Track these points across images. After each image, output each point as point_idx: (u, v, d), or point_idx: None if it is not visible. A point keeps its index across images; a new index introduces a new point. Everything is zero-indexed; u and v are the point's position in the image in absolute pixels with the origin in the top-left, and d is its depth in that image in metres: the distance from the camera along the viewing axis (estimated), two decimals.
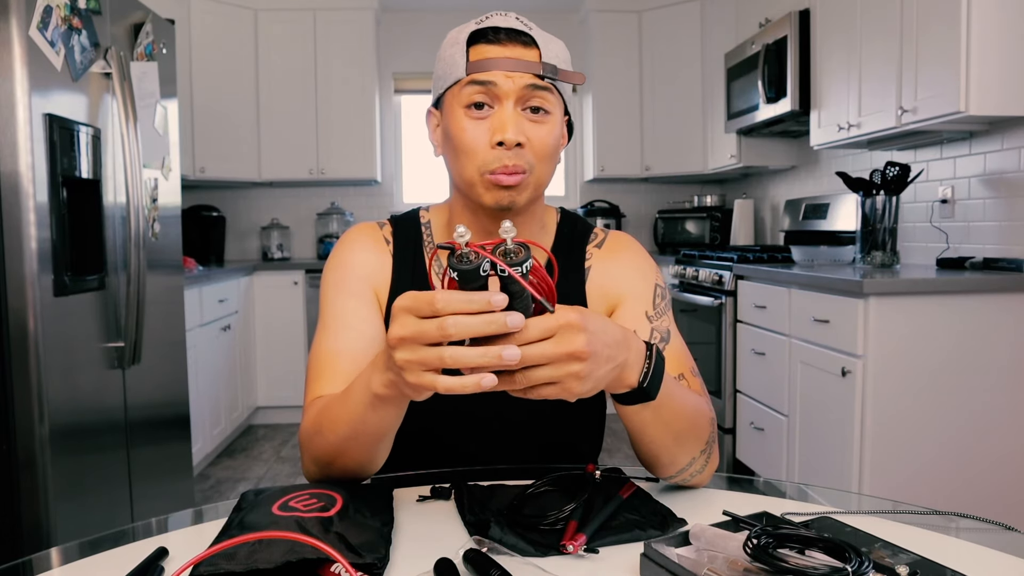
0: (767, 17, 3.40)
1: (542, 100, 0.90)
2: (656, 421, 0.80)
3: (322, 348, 0.96)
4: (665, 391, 0.78)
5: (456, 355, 0.62)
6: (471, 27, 0.92)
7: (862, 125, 2.70)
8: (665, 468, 0.86)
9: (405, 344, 0.63)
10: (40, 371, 1.83)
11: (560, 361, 0.65)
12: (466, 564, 0.67)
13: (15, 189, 1.79)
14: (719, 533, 0.66)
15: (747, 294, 3.00)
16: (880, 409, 2.19)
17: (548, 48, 0.91)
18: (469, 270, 0.63)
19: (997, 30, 2.16)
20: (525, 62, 0.89)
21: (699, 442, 0.86)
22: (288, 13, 4.39)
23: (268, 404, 4.29)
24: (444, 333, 0.61)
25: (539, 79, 0.89)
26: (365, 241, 1.04)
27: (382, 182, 4.88)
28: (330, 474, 0.86)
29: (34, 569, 0.72)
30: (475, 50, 0.90)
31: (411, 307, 0.63)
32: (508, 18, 0.92)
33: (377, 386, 0.72)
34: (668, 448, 0.83)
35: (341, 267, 1.02)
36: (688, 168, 4.45)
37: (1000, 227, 2.48)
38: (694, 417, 0.85)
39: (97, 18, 2.08)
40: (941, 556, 0.67)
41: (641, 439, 0.83)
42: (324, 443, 0.83)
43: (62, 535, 1.89)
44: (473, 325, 0.61)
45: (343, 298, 0.99)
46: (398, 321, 0.64)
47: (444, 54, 0.94)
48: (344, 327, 0.96)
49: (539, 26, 0.98)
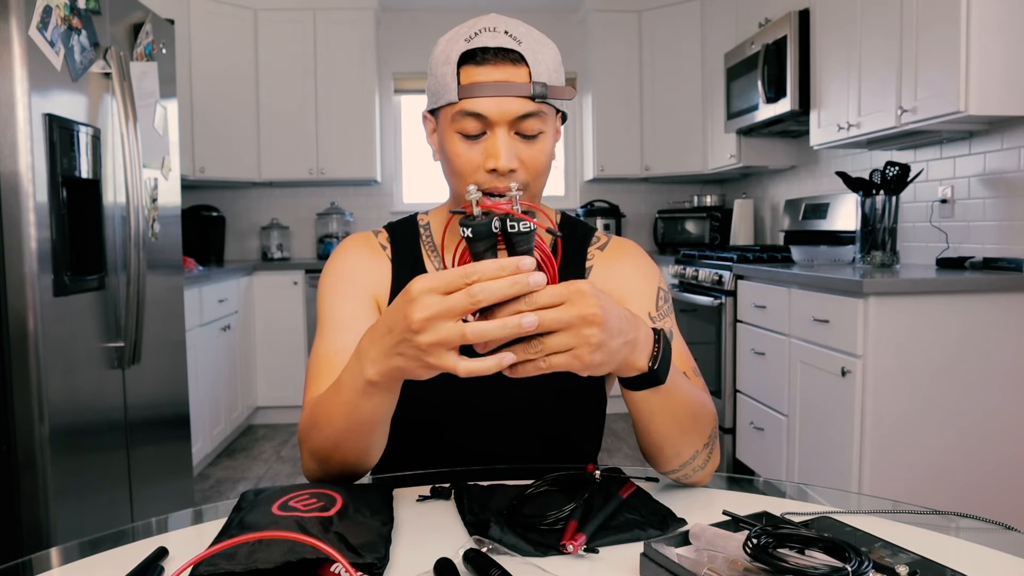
0: (767, 17, 3.40)
1: (533, 124, 0.91)
2: (663, 410, 0.81)
3: (320, 351, 0.97)
4: (672, 380, 0.79)
5: (477, 329, 0.62)
6: (461, 45, 0.91)
7: (862, 125, 2.70)
8: (669, 461, 0.87)
9: (431, 324, 0.63)
10: (40, 371, 1.83)
11: (575, 326, 0.66)
12: (466, 564, 0.66)
13: (15, 189, 1.79)
14: (719, 533, 0.66)
15: (747, 294, 3.00)
16: (880, 409, 2.19)
17: (537, 62, 0.91)
18: (481, 226, 0.67)
19: (997, 30, 2.16)
20: (515, 85, 0.89)
21: (702, 435, 0.87)
22: (288, 13, 4.39)
23: (268, 404, 4.29)
24: (474, 300, 0.62)
25: (530, 100, 0.90)
26: (361, 249, 1.06)
27: (382, 182, 4.88)
28: (329, 470, 0.86)
29: (34, 569, 0.72)
30: (465, 72, 0.90)
31: (434, 286, 0.63)
32: (497, 35, 0.91)
33: (373, 374, 0.71)
34: (673, 440, 0.84)
35: (336, 273, 1.04)
36: (688, 168, 4.45)
37: (1000, 227, 2.48)
38: (698, 409, 0.86)
39: (97, 18, 2.08)
40: (941, 556, 0.67)
41: (648, 429, 0.84)
42: (321, 437, 0.83)
43: (62, 535, 1.89)
44: (499, 288, 0.62)
45: (340, 302, 1.00)
46: (419, 303, 0.63)
47: (436, 71, 0.93)
48: (343, 329, 0.97)
49: (538, 27, 0.98)
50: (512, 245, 0.68)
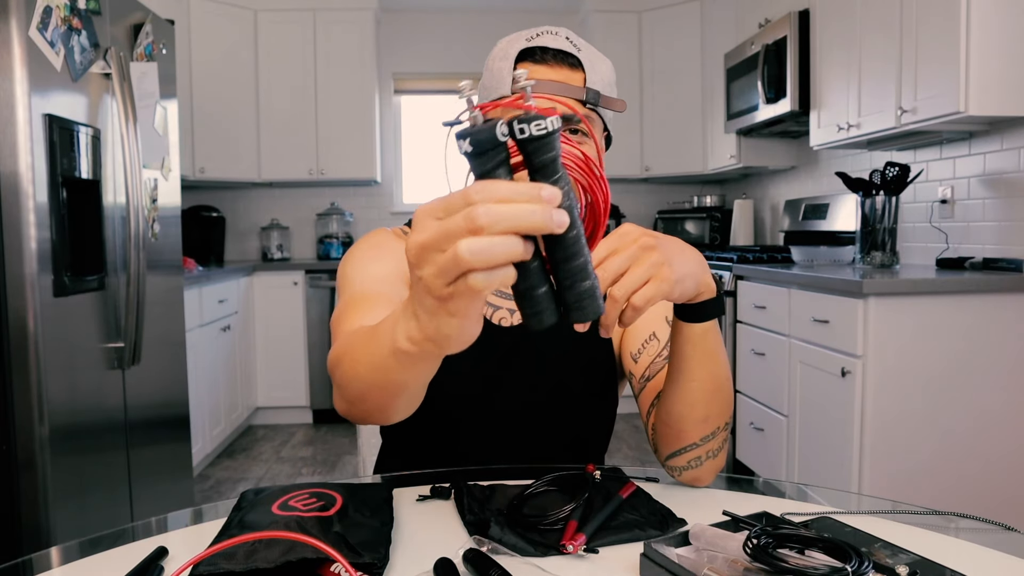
0: (767, 17, 3.40)
1: (582, 125, 0.92)
2: (711, 358, 0.85)
3: (348, 293, 0.95)
4: (718, 330, 0.85)
5: (474, 246, 0.47)
6: (521, 43, 0.93)
7: (862, 125, 2.70)
8: (694, 428, 0.88)
9: (427, 252, 0.49)
10: (40, 371, 1.83)
11: (640, 259, 0.68)
12: (466, 564, 0.66)
13: (15, 189, 1.79)
14: (719, 533, 0.66)
15: (747, 294, 3.00)
16: (880, 409, 2.19)
17: (594, 71, 0.92)
18: (483, 134, 0.48)
19: (997, 30, 2.16)
20: (569, 86, 0.90)
21: (726, 410, 0.89)
22: (288, 13, 4.39)
23: (268, 405, 4.29)
24: (472, 224, 0.46)
25: (581, 103, 0.91)
26: (387, 233, 1.07)
27: (382, 182, 4.87)
28: (352, 413, 0.77)
29: (34, 569, 0.72)
30: (522, 68, 0.91)
31: (434, 209, 0.50)
32: (558, 38, 0.93)
33: (401, 340, 0.57)
34: (706, 400, 0.87)
35: (361, 248, 1.03)
36: (688, 168, 4.45)
37: (1000, 227, 2.48)
38: (729, 379, 0.89)
39: (97, 18, 2.08)
40: (941, 556, 0.67)
41: (688, 381, 0.86)
42: (345, 380, 0.74)
43: (62, 535, 1.89)
44: (509, 213, 0.46)
45: (364, 264, 0.99)
46: (417, 227, 0.50)
47: (493, 66, 0.95)
48: (373, 280, 0.96)
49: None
50: (529, 158, 0.50)
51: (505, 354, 1.02)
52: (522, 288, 0.52)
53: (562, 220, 0.47)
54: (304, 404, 4.30)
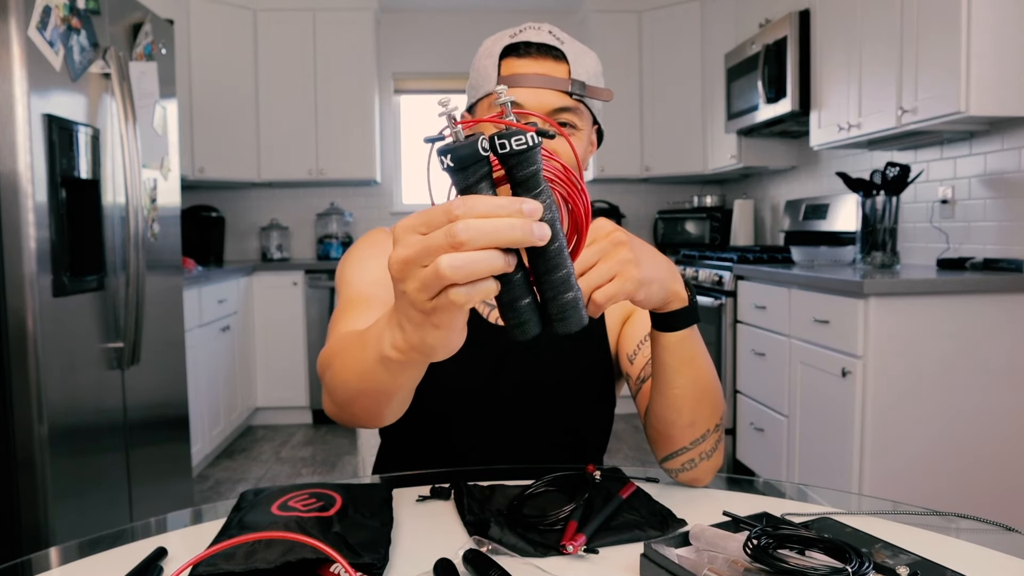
0: (767, 17, 3.40)
1: (569, 117, 0.92)
2: (691, 364, 0.84)
3: (346, 294, 0.96)
4: (696, 336, 0.83)
5: (455, 261, 0.48)
6: (505, 40, 0.94)
7: (862, 125, 2.70)
8: (683, 433, 0.87)
9: (409, 267, 0.50)
10: (39, 371, 1.83)
11: (608, 252, 0.68)
12: (466, 564, 0.66)
13: (14, 189, 1.79)
14: (719, 533, 0.66)
15: (747, 294, 3.00)
16: (880, 409, 2.19)
17: (578, 63, 0.93)
18: (464, 150, 0.49)
19: (997, 31, 2.15)
20: (553, 78, 0.91)
21: (716, 412, 0.88)
22: (287, 13, 4.39)
23: (267, 405, 4.29)
24: (454, 240, 0.47)
25: (567, 95, 0.91)
26: (384, 235, 1.07)
27: (381, 182, 4.87)
28: (341, 416, 0.78)
29: (33, 569, 0.72)
30: (507, 64, 0.93)
31: (415, 224, 0.50)
32: (541, 32, 0.94)
33: (387, 348, 0.58)
34: (692, 405, 0.86)
35: (360, 248, 1.04)
36: (688, 168, 4.45)
37: (1000, 227, 2.48)
38: (715, 381, 0.88)
39: (96, 18, 2.08)
40: (941, 557, 0.67)
41: (671, 392, 0.86)
42: (333, 384, 0.76)
43: (61, 535, 1.89)
44: (490, 228, 0.47)
45: (361, 266, 1.00)
46: (400, 242, 0.51)
47: (478, 64, 0.96)
48: (371, 283, 0.96)
49: None
50: (510, 172, 0.51)
51: (501, 353, 1.02)
52: (506, 300, 0.53)
53: (543, 233, 0.48)
54: (304, 404, 4.30)
